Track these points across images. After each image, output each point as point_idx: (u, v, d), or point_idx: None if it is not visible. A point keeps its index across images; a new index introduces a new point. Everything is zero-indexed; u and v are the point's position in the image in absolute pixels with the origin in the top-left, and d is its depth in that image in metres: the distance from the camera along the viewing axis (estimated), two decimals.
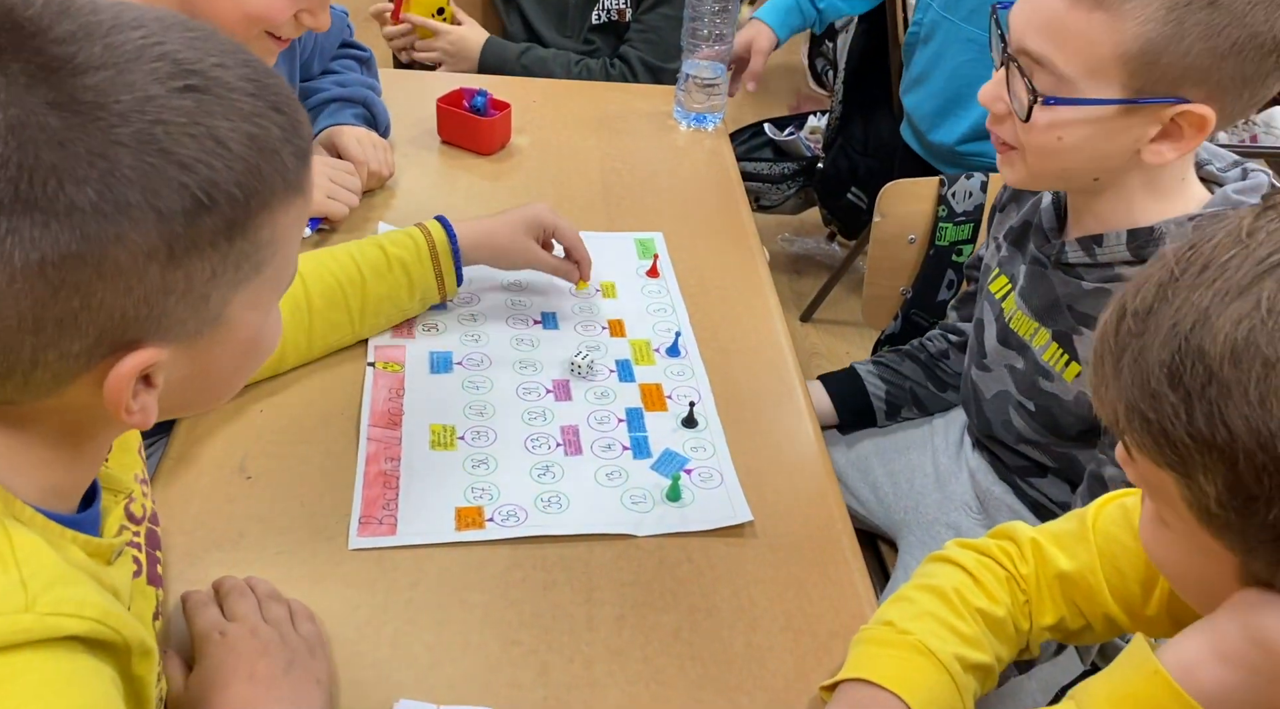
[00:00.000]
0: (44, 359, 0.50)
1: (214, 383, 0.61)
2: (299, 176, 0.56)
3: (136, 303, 0.51)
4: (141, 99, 0.49)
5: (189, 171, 0.50)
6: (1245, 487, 0.47)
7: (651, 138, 1.57)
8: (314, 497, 0.93)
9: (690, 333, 1.16)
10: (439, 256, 1.09)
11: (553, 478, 0.96)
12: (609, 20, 1.91)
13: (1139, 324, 0.50)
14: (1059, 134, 0.89)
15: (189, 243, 0.51)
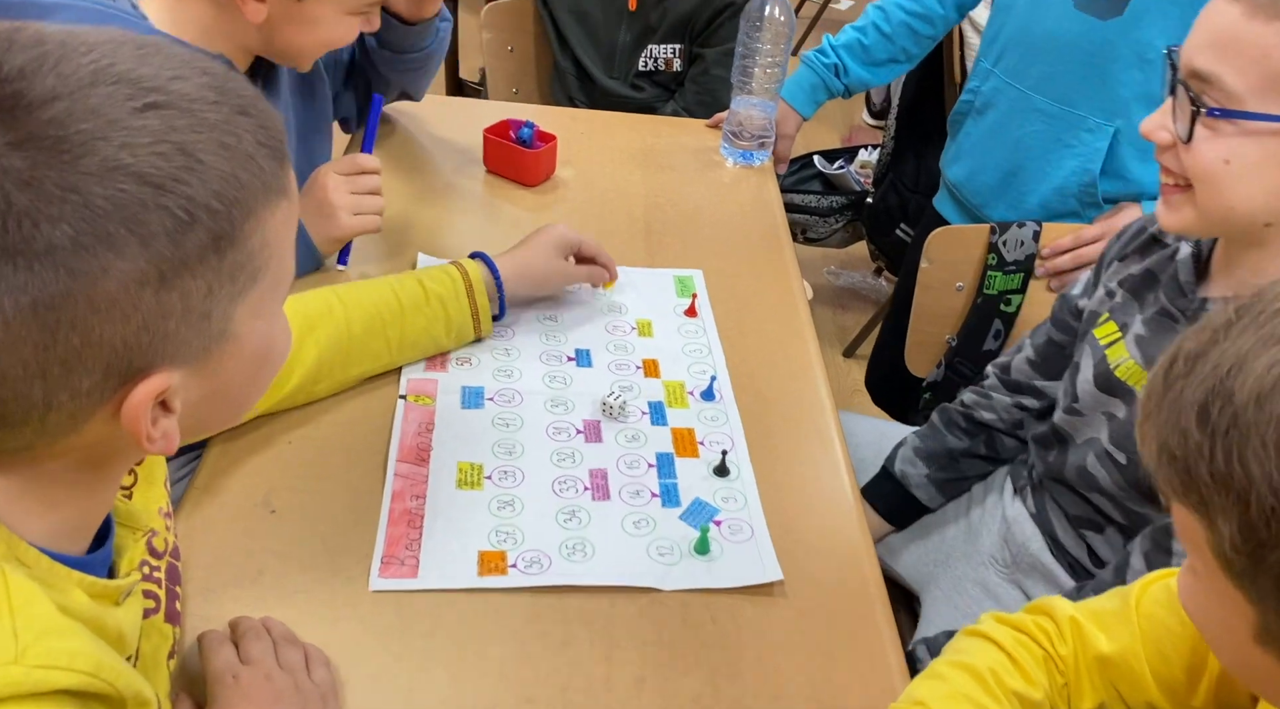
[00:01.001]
0: (56, 401, 0.50)
1: (232, 398, 0.60)
2: (278, 178, 0.54)
3: (137, 331, 0.49)
4: (104, 125, 0.47)
5: (165, 192, 0.48)
6: (1256, 531, 0.46)
7: (697, 173, 1.55)
8: (337, 533, 0.92)
9: (726, 376, 1.14)
10: (474, 294, 1.09)
11: (579, 524, 0.94)
12: (656, 69, 1.92)
13: (1187, 366, 0.50)
14: (1225, 156, 0.84)
15: (178, 263, 0.49)
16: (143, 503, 0.70)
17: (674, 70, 1.94)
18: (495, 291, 1.12)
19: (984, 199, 1.55)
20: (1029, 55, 1.44)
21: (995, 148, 1.52)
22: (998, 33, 1.50)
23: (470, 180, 1.47)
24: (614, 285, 1.23)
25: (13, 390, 0.48)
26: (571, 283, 1.21)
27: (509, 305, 1.14)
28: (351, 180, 1.21)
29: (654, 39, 1.92)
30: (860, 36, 1.65)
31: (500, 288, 1.11)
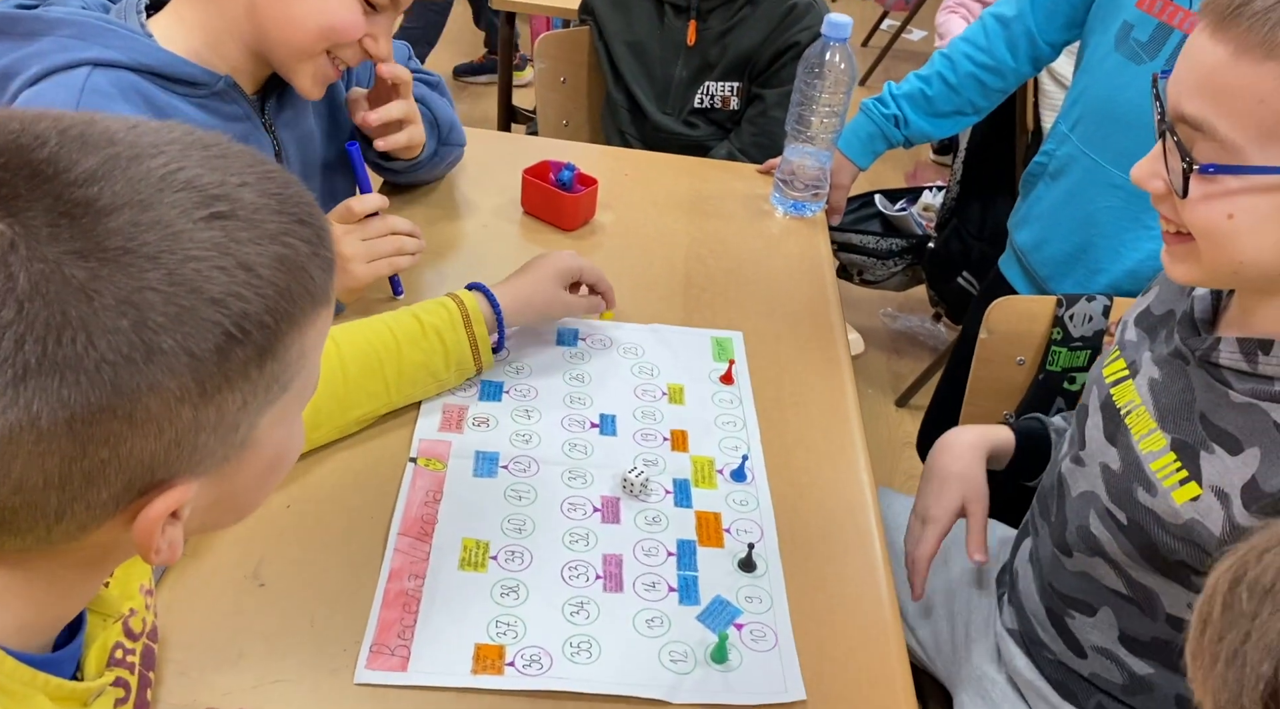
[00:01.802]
0: (70, 511, 0.47)
1: (240, 502, 0.57)
2: (325, 289, 0.53)
3: (168, 446, 0.47)
4: (169, 236, 0.45)
5: (222, 307, 0.46)
6: None
7: (744, 222, 1.47)
8: (327, 613, 0.86)
9: (760, 455, 1.05)
10: (472, 325, 1.05)
11: (586, 618, 0.87)
12: (712, 106, 1.85)
13: (1254, 603, 0.41)
14: (1228, 211, 0.74)
15: (222, 379, 0.48)
16: (122, 582, 0.66)
17: (730, 109, 1.87)
18: (494, 323, 1.07)
19: (1051, 271, 1.45)
20: (1109, 126, 1.33)
21: (1066, 218, 1.41)
22: (1079, 96, 1.40)
23: (507, 222, 1.41)
24: (612, 316, 1.20)
25: (26, 499, 0.46)
26: (572, 313, 1.17)
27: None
28: (360, 227, 1.15)
29: (711, 76, 1.85)
30: (924, 87, 1.55)
31: (500, 319, 1.07)
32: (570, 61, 2.01)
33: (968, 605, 1.14)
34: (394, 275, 1.18)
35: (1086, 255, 1.38)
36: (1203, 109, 0.73)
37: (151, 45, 1.03)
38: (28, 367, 0.43)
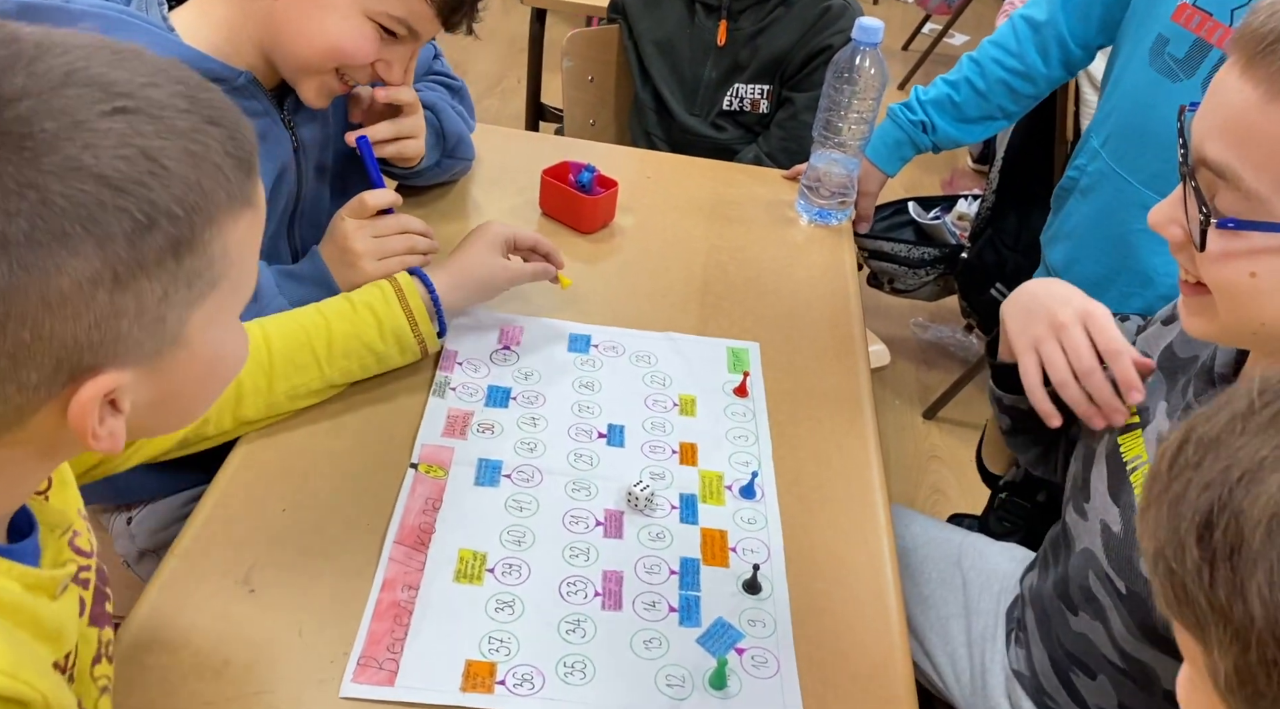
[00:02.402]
0: (3, 394, 0.50)
1: (182, 404, 0.60)
2: (244, 189, 0.55)
3: (88, 329, 0.50)
4: (69, 125, 0.48)
5: (124, 194, 0.49)
6: (1253, 678, 0.40)
7: (767, 229, 1.44)
8: (316, 623, 0.83)
9: (771, 471, 1.02)
10: (406, 298, 1.04)
11: (582, 637, 0.84)
12: (741, 109, 1.82)
13: (1198, 455, 0.44)
14: (1250, 269, 0.68)
15: (134, 265, 0.50)
16: (60, 503, 0.66)
17: (759, 112, 1.83)
18: (432, 305, 1.05)
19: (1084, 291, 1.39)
20: (1141, 145, 1.28)
21: (1097, 238, 1.36)
22: (1110, 112, 1.34)
23: (524, 223, 1.39)
24: (570, 283, 1.18)
25: None
26: (518, 281, 1.14)
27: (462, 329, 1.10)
28: (372, 224, 1.13)
29: (741, 78, 1.82)
30: (951, 92, 1.51)
31: (436, 301, 1.06)
32: (599, 60, 1.98)
33: (982, 634, 1.10)
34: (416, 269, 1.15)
35: (1120, 278, 1.33)
36: (1226, 155, 0.67)
37: (174, 39, 1.02)
38: None
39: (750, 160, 1.79)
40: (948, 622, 1.13)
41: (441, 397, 1.05)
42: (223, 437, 0.98)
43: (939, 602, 1.15)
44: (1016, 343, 0.95)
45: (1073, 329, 0.91)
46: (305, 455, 0.98)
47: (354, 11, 1.03)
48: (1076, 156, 1.42)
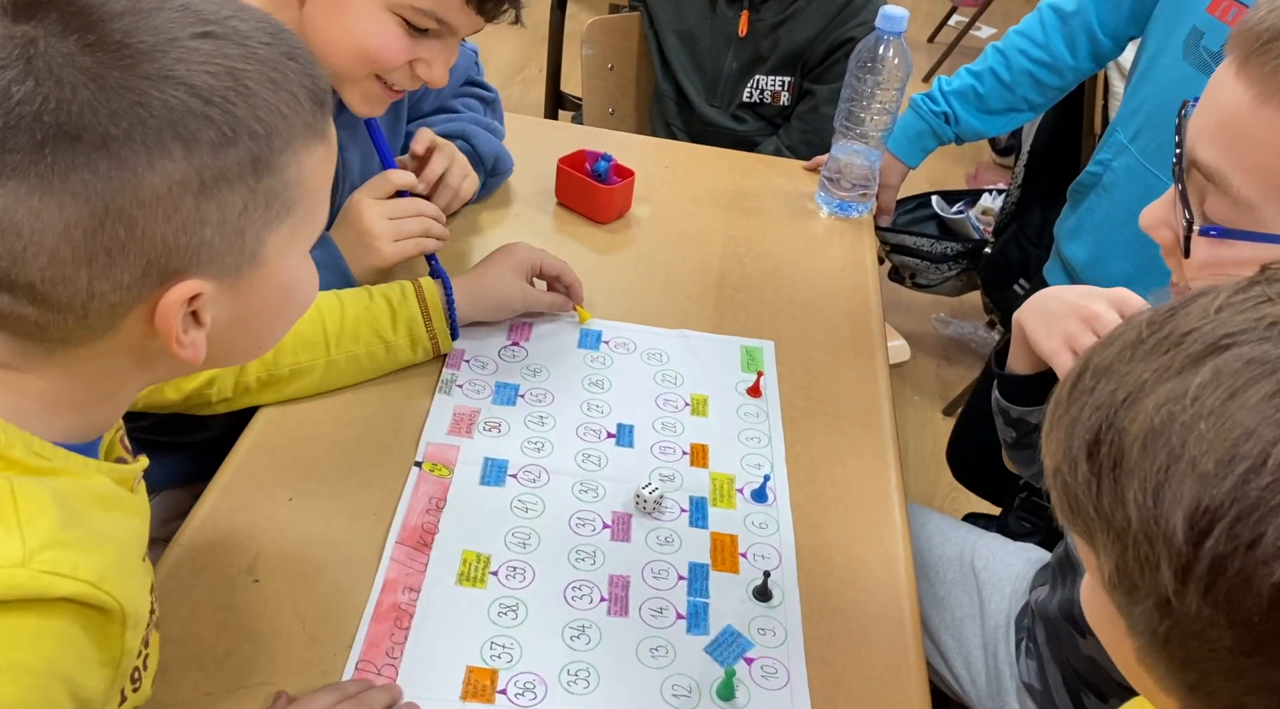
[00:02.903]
0: (99, 290, 0.54)
1: (256, 327, 0.64)
2: (319, 122, 0.60)
3: (176, 232, 0.54)
4: (165, 40, 0.53)
5: (211, 105, 0.54)
6: (1130, 574, 0.44)
7: (785, 222, 1.40)
8: (319, 617, 0.82)
9: (784, 474, 0.99)
10: (424, 295, 1.03)
11: (587, 644, 0.82)
12: (762, 101, 1.78)
13: (1093, 381, 0.46)
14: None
15: (218, 174, 0.54)
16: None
17: (780, 104, 1.80)
18: (447, 307, 1.04)
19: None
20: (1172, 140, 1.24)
21: (1124, 235, 1.32)
22: (1140, 105, 1.30)
23: (539, 212, 1.36)
24: (589, 316, 1.15)
25: (62, 272, 0.53)
26: (534, 307, 1.12)
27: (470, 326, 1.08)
28: (389, 205, 1.10)
29: (762, 69, 1.78)
30: (975, 83, 1.46)
31: (451, 303, 1.04)
32: (619, 48, 1.95)
33: (994, 634, 1.07)
34: (433, 257, 1.13)
35: (1148, 276, 1.28)
36: (1217, 157, 0.64)
37: None
38: (46, 136, 0.50)
39: (770, 153, 1.76)
40: (963, 624, 1.11)
41: (448, 394, 1.03)
42: (224, 404, 0.97)
43: (954, 603, 1.12)
44: (1045, 345, 0.91)
45: (1107, 315, 0.87)
46: (314, 443, 0.97)
47: (374, 7, 0.96)
48: (1100, 150, 1.38)
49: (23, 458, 0.57)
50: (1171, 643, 0.43)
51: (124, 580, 0.58)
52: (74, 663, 0.57)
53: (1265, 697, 0.40)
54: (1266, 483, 0.39)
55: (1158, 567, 0.42)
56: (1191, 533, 0.40)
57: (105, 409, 0.63)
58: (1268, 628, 0.39)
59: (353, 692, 0.74)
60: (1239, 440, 0.40)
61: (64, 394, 0.59)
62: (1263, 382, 0.40)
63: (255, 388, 0.98)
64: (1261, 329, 0.42)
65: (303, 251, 0.63)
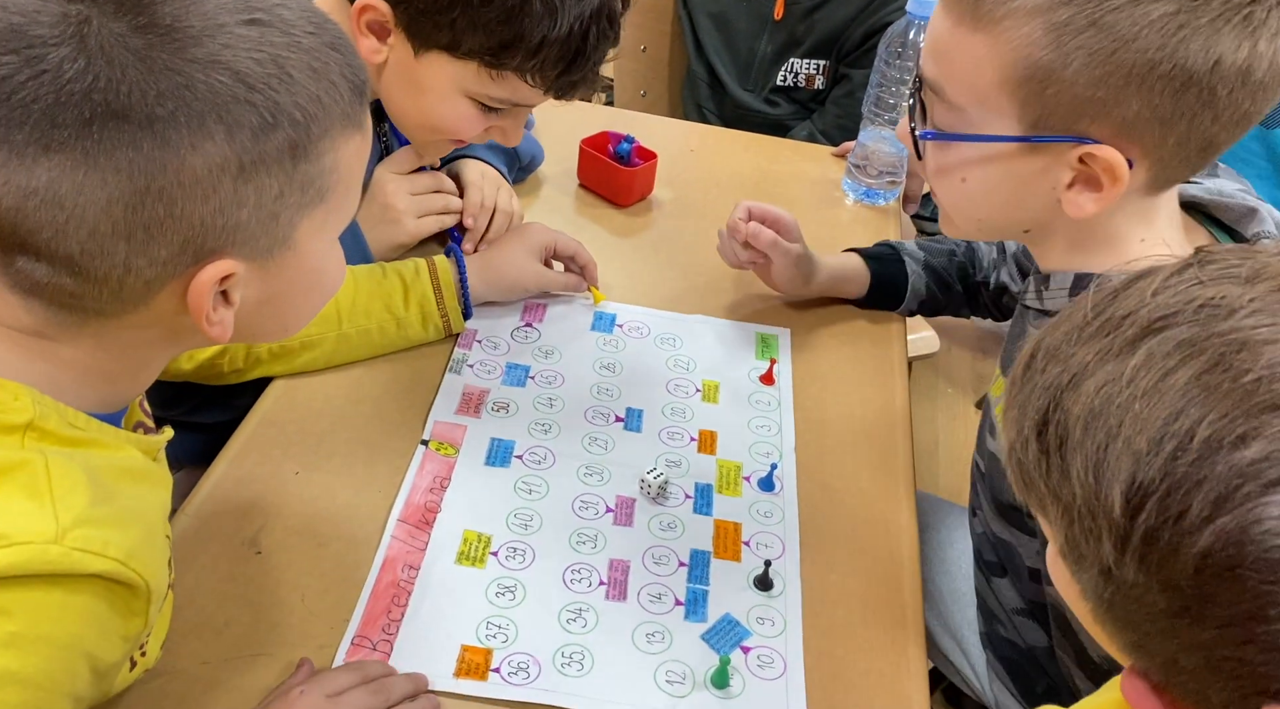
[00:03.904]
0: (135, 265, 0.55)
1: (285, 309, 0.65)
2: (357, 112, 0.61)
3: (213, 213, 0.55)
4: (212, 26, 0.54)
5: (255, 91, 0.55)
6: (1077, 545, 0.47)
7: (811, 208, 1.38)
8: (318, 591, 0.82)
9: (792, 463, 0.98)
10: (438, 274, 1.03)
11: (583, 627, 0.81)
12: (795, 84, 1.75)
13: (1043, 362, 0.49)
14: (961, 176, 0.78)
15: (257, 159, 0.56)
16: None
17: (815, 88, 1.77)
18: (460, 286, 1.05)
19: None
20: None
21: None
22: None
23: (561, 193, 1.36)
24: (603, 297, 1.14)
25: (101, 246, 0.54)
26: (547, 289, 1.12)
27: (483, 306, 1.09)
28: (411, 180, 1.11)
29: (797, 53, 1.76)
30: None
31: (464, 282, 1.04)
32: (652, 30, 1.93)
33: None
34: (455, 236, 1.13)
35: None
36: (934, 72, 0.76)
37: None
38: (94, 113, 0.51)
39: (803, 138, 1.74)
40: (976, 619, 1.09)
41: (458, 373, 1.03)
42: (236, 374, 0.99)
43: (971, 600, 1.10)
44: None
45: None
46: (323, 418, 0.97)
47: (452, 93, 0.96)
48: None
49: (57, 429, 0.58)
50: (1114, 606, 0.46)
51: (150, 557, 0.60)
52: (97, 636, 0.59)
53: (1195, 653, 0.43)
54: (1192, 460, 0.41)
55: (1100, 538, 0.45)
56: (1127, 507, 0.43)
57: (135, 380, 0.65)
58: (1194, 592, 0.42)
59: (375, 674, 0.74)
60: (1168, 420, 0.42)
61: (96, 364, 0.61)
62: (1191, 362, 0.43)
63: (267, 359, 0.99)
64: (1191, 311, 0.44)
65: (332, 238, 0.65)
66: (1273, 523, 0.39)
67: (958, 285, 1.18)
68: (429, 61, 0.94)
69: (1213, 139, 0.70)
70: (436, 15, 0.91)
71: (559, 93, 0.97)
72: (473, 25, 0.90)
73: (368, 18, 0.94)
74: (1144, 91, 0.67)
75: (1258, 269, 0.45)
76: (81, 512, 0.55)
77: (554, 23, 0.90)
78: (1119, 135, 0.70)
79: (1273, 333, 0.42)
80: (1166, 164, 0.72)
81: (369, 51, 0.96)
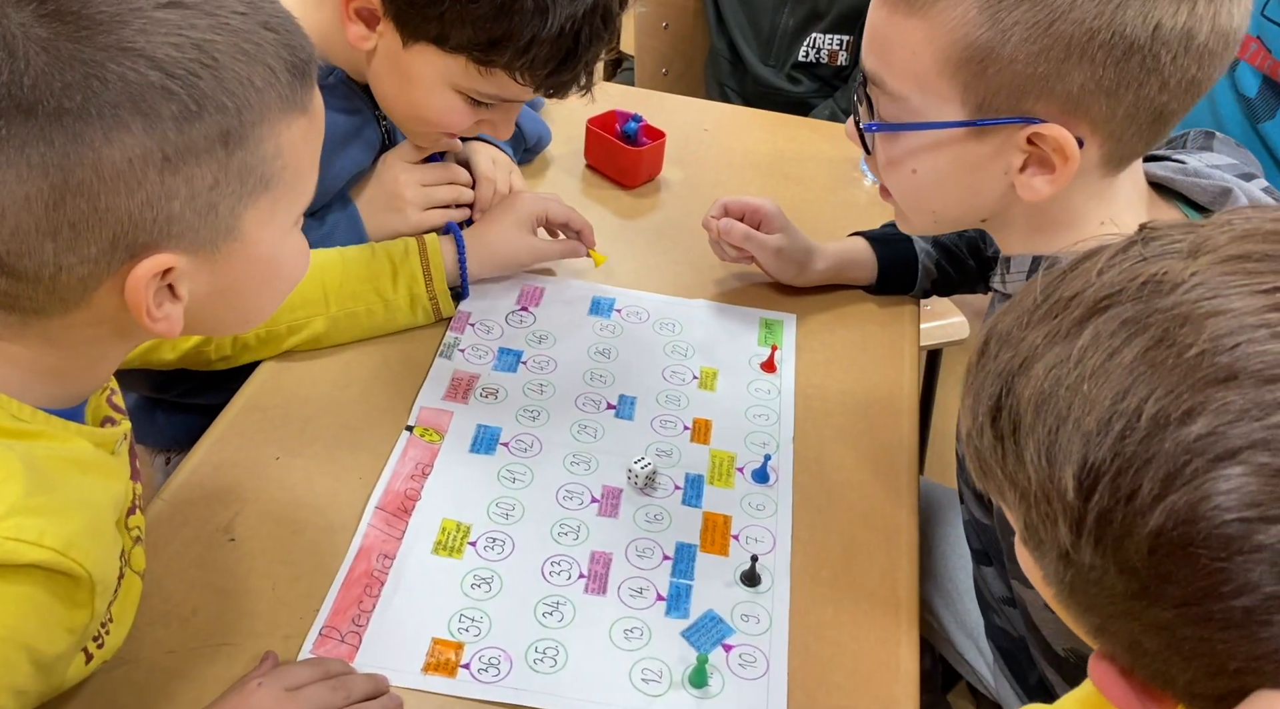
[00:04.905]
0: (65, 263, 0.53)
1: (241, 302, 0.63)
2: (299, 94, 0.58)
3: (141, 206, 0.53)
4: (125, 11, 0.52)
5: (173, 79, 0.52)
6: (1036, 530, 0.46)
7: (826, 190, 1.34)
8: (289, 579, 0.81)
9: (789, 454, 0.94)
10: (428, 255, 1.00)
11: (559, 621, 0.79)
12: (818, 60, 1.70)
13: (996, 348, 0.48)
14: (911, 167, 0.77)
15: (183, 149, 0.53)
16: None
17: (838, 64, 1.72)
18: (455, 262, 1.03)
19: None
20: None
21: None
22: None
23: (567, 174, 1.32)
24: (604, 260, 1.11)
25: (26, 244, 0.53)
26: (544, 260, 1.10)
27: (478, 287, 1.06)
28: (422, 170, 1.09)
29: (819, 27, 1.70)
30: None
31: (464, 260, 1.02)
32: (675, 6, 1.89)
33: None
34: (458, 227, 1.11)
35: None
36: (875, 64, 0.75)
37: None
38: (1, 108, 0.50)
39: (825, 117, 1.69)
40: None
41: (449, 358, 1.00)
42: (224, 362, 0.98)
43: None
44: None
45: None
46: (309, 402, 0.95)
47: (440, 86, 0.94)
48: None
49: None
50: (1075, 590, 0.46)
51: (93, 547, 0.58)
52: (37, 628, 0.57)
53: (1156, 634, 0.42)
54: (1140, 438, 0.40)
55: (1056, 523, 0.44)
56: (1080, 489, 0.42)
57: (89, 376, 0.64)
58: (1150, 572, 0.41)
59: (336, 671, 0.73)
60: (1115, 399, 0.41)
61: (45, 362, 0.59)
62: (1135, 340, 0.42)
63: (255, 345, 0.97)
64: (1134, 288, 0.43)
65: (286, 225, 0.62)
66: (1221, 498, 0.39)
67: (970, 260, 1.14)
68: (417, 53, 0.93)
69: (1163, 109, 0.68)
70: (425, 8, 0.89)
71: (549, 91, 0.95)
72: (461, 20, 0.88)
73: (357, 4, 0.92)
74: (1085, 63, 0.66)
75: (1199, 242, 0.44)
76: (15, 501, 0.54)
77: (545, 22, 0.87)
78: (1066, 112, 0.69)
79: (1214, 305, 0.41)
80: (1119, 139, 0.70)
81: (357, 38, 0.94)
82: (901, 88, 0.73)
